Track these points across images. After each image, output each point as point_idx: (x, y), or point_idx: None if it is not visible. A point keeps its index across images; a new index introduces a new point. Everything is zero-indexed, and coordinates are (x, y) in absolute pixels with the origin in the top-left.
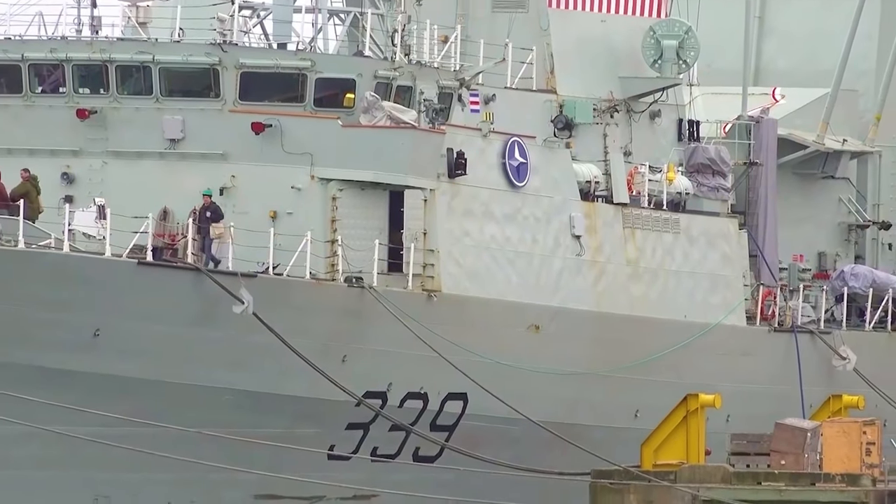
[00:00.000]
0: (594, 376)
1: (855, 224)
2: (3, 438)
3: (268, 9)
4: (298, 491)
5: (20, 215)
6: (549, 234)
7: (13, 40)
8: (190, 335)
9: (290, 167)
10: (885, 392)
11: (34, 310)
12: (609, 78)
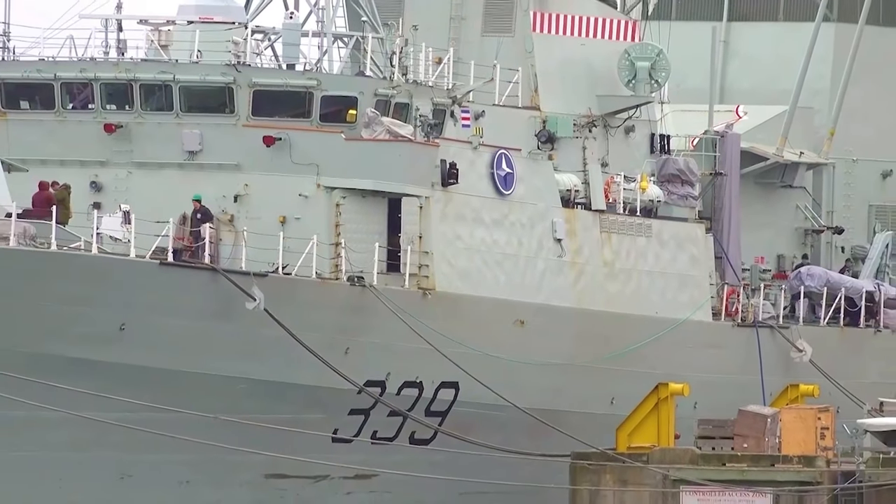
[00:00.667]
0: (574, 367)
1: (811, 229)
2: (39, 422)
3: (278, 33)
4: (305, 471)
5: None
6: (533, 237)
7: (46, 61)
8: (207, 329)
9: (298, 176)
10: (838, 381)
11: (66, 306)
12: (588, 96)
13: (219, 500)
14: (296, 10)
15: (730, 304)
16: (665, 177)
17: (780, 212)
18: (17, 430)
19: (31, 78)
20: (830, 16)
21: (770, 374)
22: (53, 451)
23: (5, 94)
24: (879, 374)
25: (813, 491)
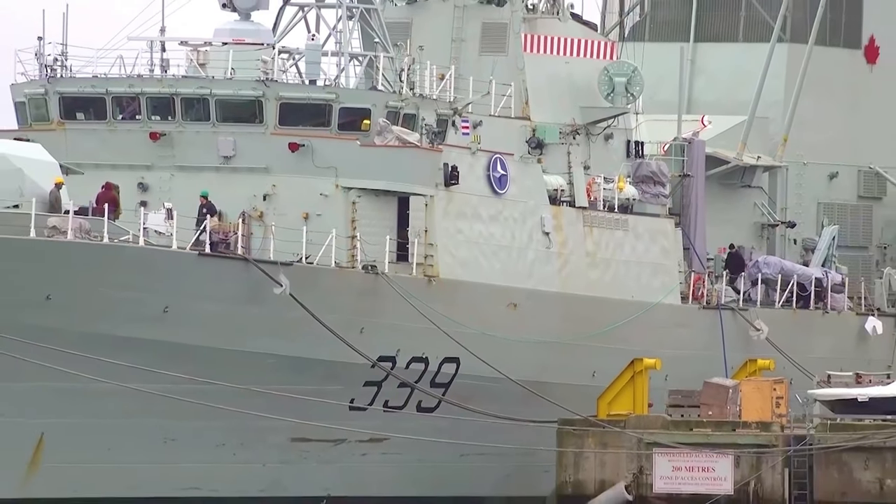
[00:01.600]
0: (560, 344)
1: (766, 223)
2: (94, 393)
3: (301, 53)
4: (326, 435)
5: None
6: (524, 231)
7: (99, 77)
8: (239, 311)
9: (319, 178)
10: (791, 357)
11: (117, 291)
12: (572, 107)
13: (250, 461)
14: (317, 32)
15: (696, 289)
16: (639, 178)
17: (740, 209)
18: (74, 401)
19: (85, 92)
20: (784, 37)
21: (731, 351)
22: (105, 418)
23: (63, 107)
24: (827, 351)
25: (769, 452)
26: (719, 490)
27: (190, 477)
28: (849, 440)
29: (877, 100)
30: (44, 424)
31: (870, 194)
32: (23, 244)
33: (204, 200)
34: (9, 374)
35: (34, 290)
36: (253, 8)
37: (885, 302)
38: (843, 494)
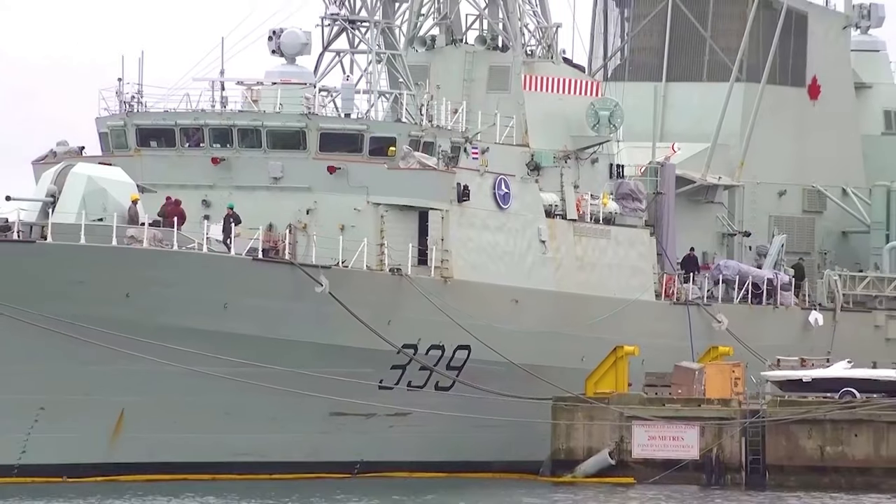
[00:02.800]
0: (554, 333)
1: (727, 233)
2: (165, 375)
3: (337, 91)
4: (359, 409)
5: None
6: (524, 239)
7: (169, 112)
8: (287, 307)
9: (353, 196)
10: (747, 344)
11: (184, 290)
12: (564, 136)
13: (295, 431)
14: (351, 74)
15: (668, 288)
16: (620, 195)
17: (704, 221)
18: (149, 381)
19: (158, 124)
20: (741, 77)
21: (697, 339)
22: (174, 396)
23: (139, 137)
24: (777, 339)
25: (729, 424)
26: (687, 455)
27: (244, 445)
28: (795, 414)
29: (818, 130)
30: (124, 402)
31: (812, 209)
32: (106, 251)
33: (230, 211)
34: (95, 360)
35: (116, 289)
36: (298, 53)
37: (825, 298)
38: (791, 459)
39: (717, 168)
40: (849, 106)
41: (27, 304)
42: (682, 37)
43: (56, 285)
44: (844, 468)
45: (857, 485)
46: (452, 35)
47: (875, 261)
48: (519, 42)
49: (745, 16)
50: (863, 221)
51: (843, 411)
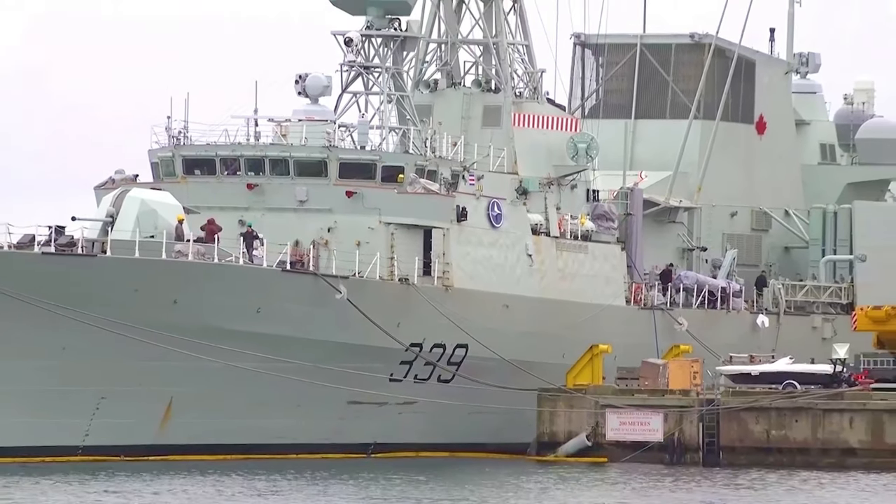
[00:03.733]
0: (539, 334)
1: (686, 248)
2: (208, 370)
3: (354, 127)
4: (372, 399)
5: (216, 244)
6: (513, 253)
7: (210, 145)
8: (311, 311)
9: (367, 216)
10: (704, 343)
11: (223, 297)
12: (548, 165)
13: (318, 417)
14: (366, 112)
15: (636, 295)
16: (595, 216)
17: (667, 238)
18: (193, 375)
19: (201, 155)
20: (698, 115)
21: (661, 339)
22: (215, 387)
23: (185, 165)
24: (729, 339)
25: (688, 411)
26: (653, 438)
27: (275, 428)
28: (745, 403)
29: (764, 160)
30: (172, 392)
31: (759, 227)
32: (157, 263)
33: (250, 230)
34: (148, 356)
35: (165, 296)
36: (320, 95)
37: (771, 304)
38: (741, 441)
39: (678, 192)
40: (790, 140)
41: (90, 308)
42: (648, 81)
43: (114, 293)
44: (787, 449)
45: (797, 463)
46: (452, 79)
47: (813, 272)
48: (509, 85)
49: (701, 63)
50: (802, 238)
51: (785, 400)
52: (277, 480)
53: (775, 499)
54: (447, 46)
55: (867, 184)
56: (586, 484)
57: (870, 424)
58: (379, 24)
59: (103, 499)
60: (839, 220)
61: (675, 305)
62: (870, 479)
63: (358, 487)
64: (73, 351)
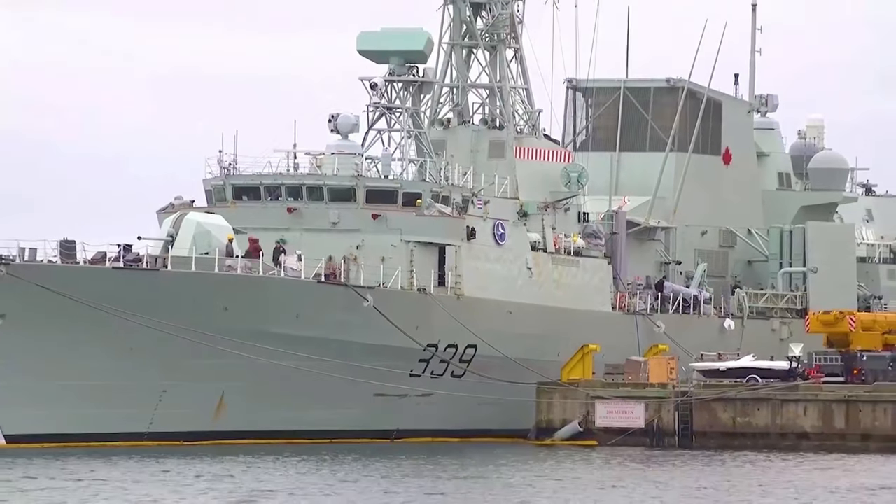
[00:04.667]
0: (538, 335)
1: (663, 262)
2: (254, 367)
3: (379, 159)
4: (395, 391)
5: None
6: (515, 267)
7: (256, 174)
8: (342, 317)
9: (390, 235)
10: (679, 343)
11: (268, 304)
12: (545, 191)
13: (349, 408)
14: (388, 146)
15: (621, 302)
16: (585, 234)
17: (647, 253)
18: (242, 371)
19: (247, 183)
20: (673, 148)
21: (642, 340)
22: (261, 382)
23: (234, 192)
24: (700, 340)
25: (666, 401)
26: (635, 424)
27: (312, 417)
28: (714, 394)
29: (730, 187)
30: (224, 385)
31: (726, 244)
32: (210, 276)
33: (281, 245)
34: (204, 356)
35: (217, 303)
36: (350, 132)
37: (736, 309)
38: (711, 426)
39: (657, 214)
40: (752, 169)
41: (153, 314)
42: (630, 119)
43: (173, 301)
44: (749, 433)
45: (758, 445)
46: (462, 118)
47: (772, 282)
48: (511, 123)
49: (676, 103)
50: (763, 253)
51: (748, 392)
52: (317, 461)
53: (741, 476)
54: (458, 90)
55: (818, 207)
56: (579, 462)
57: (821, 412)
58: (399, 71)
59: (166, 477)
60: (794, 238)
61: (653, 311)
62: (820, 458)
63: (385, 467)
64: (139, 351)
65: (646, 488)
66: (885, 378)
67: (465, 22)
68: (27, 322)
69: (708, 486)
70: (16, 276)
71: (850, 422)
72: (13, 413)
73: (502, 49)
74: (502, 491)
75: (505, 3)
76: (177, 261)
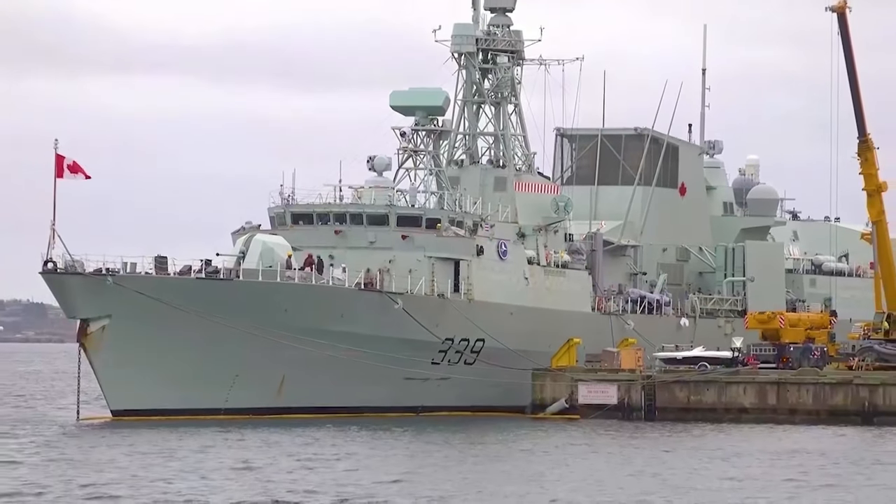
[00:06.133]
0: (533, 331)
1: (632, 273)
2: (307, 356)
3: (407, 191)
4: (419, 376)
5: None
6: (515, 277)
7: (310, 204)
8: (378, 316)
9: (416, 252)
10: (645, 337)
11: (319, 306)
12: (538, 217)
13: (383, 388)
14: (414, 181)
15: (599, 305)
16: (571, 251)
17: (620, 266)
18: (298, 360)
19: (303, 211)
20: (640, 182)
21: (616, 335)
22: (313, 369)
23: (292, 218)
24: (661, 334)
25: (634, 383)
26: (610, 401)
27: (354, 396)
28: (672, 377)
29: (685, 213)
30: (283, 370)
31: (682, 259)
32: (274, 284)
33: (317, 259)
34: (268, 347)
35: (279, 306)
36: (384, 170)
37: (689, 311)
38: (670, 403)
39: (627, 235)
40: (702, 199)
41: (228, 315)
42: (606, 160)
43: (244, 305)
44: (701, 409)
45: (708, 418)
46: (473, 159)
47: (718, 289)
48: (512, 163)
49: (642, 147)
50: (711, 266)
51: (699, 376)
52: (359, 429)
53: (693, 443)
54: (469, 137)
55: (754, 229)
56: (565, 431)
57: (757, 392)
58: (423, 122)
59: (242, 438)
60: (735, 254)
61: (625, 312)
62: (756, 428)
63: (412, 432)
64: (217, 344)
65: (616, 450)
66: (807, 364)
67: (475, 83)
68: (128, 321)
69: (669, 450)
70: (120, 284)
71: (780, 399)
72: (117, 392)
73: (504, 104)
74: (507, 453)
75: (506, 68)
76: (247, 272)
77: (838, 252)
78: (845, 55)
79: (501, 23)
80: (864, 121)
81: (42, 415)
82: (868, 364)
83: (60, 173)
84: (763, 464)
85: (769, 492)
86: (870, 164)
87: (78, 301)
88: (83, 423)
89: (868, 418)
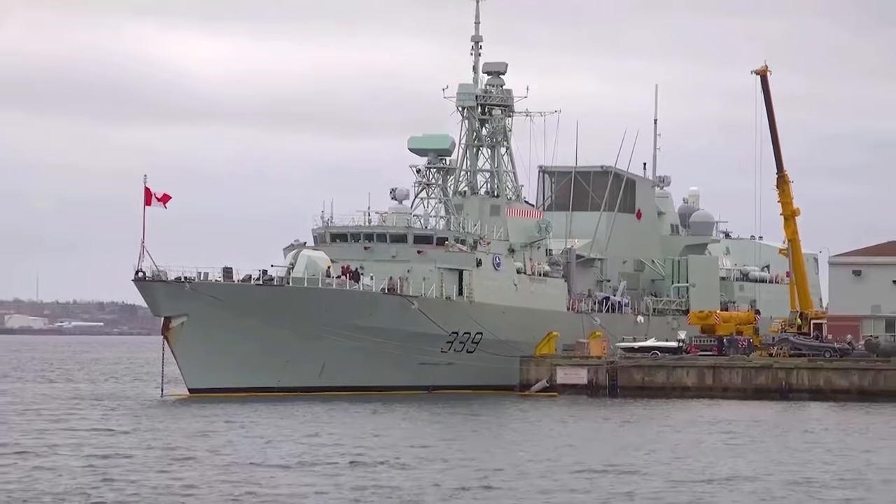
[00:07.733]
0: (521, 326)
1: (599, 280)
2: (345, 346)
3: (421, 216)
4: (431, 361)
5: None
6: (507, 283)
7: (345, 226)
8: (399, 314)
9: (428, 264)
10: (609, 331)
11: (353, 306)
12: (525, 236)
13: (403, 371)
14: (427, 207)
15: (573, 305)
16: (550, 263)
17: (588, 275)
18: (336, 349)
19: (340, 231)
20: (605, 209)
21: (586, 329)
22: (346, 356)
23: (331, 237)
24: (622, 328)
25: (600, 366)
26: (582, 382)
27: (379, 377)
28: (631, 363)
29: (641, 233)
30: (325, 357)
31: (638, 269)
32: (316, 290)
33: (350, 269)
34: (312, 338)
35: (320, 306)
36: (404, 199)
37: (644, 310)
38: (629, 383)
39: (595, 250)
40: (654, 222)
41: (280, 314)
42: (578, 191)
43: (293, 306)
44: (653, 388)
45: (659, 396)
46: (473, 190)
47: (667, 293)
48: (504, 193)
49: (607, 181)
50: (661, 275)
51: (652, 361)
52: (383, 404)
53: (648, 414)
54: (471, 173)
55: (695, 246)
56: (547, 405)
57: (698, 374)
58: (434, 161)
59: (292, 410)
60: (681, 265)
61: (594, 311)
62: (698, 403)
63: (425, 406)
64: (271, 336)
65: (588, 421)
66: (736, 352)
67: (475, 130)
68: (202, 319)
69: (629, 420)
70: (195, 289)
71: (716, 380)
72: (194, 374)
73: (498, 147)
74: (499, 422)
75: (500, 119)
76: (295, 280)
77: (762, 264)
78: (766, 107)
79: (496, 83)
80: (781, 159)
81: (135, 392)
82: (784, 352)
83: (149, 201)
84: (702, 430)
85: (708, 449)
86: (786, 194)
87: (162, 303)
88: (167, 398)
89: (785, 395)
